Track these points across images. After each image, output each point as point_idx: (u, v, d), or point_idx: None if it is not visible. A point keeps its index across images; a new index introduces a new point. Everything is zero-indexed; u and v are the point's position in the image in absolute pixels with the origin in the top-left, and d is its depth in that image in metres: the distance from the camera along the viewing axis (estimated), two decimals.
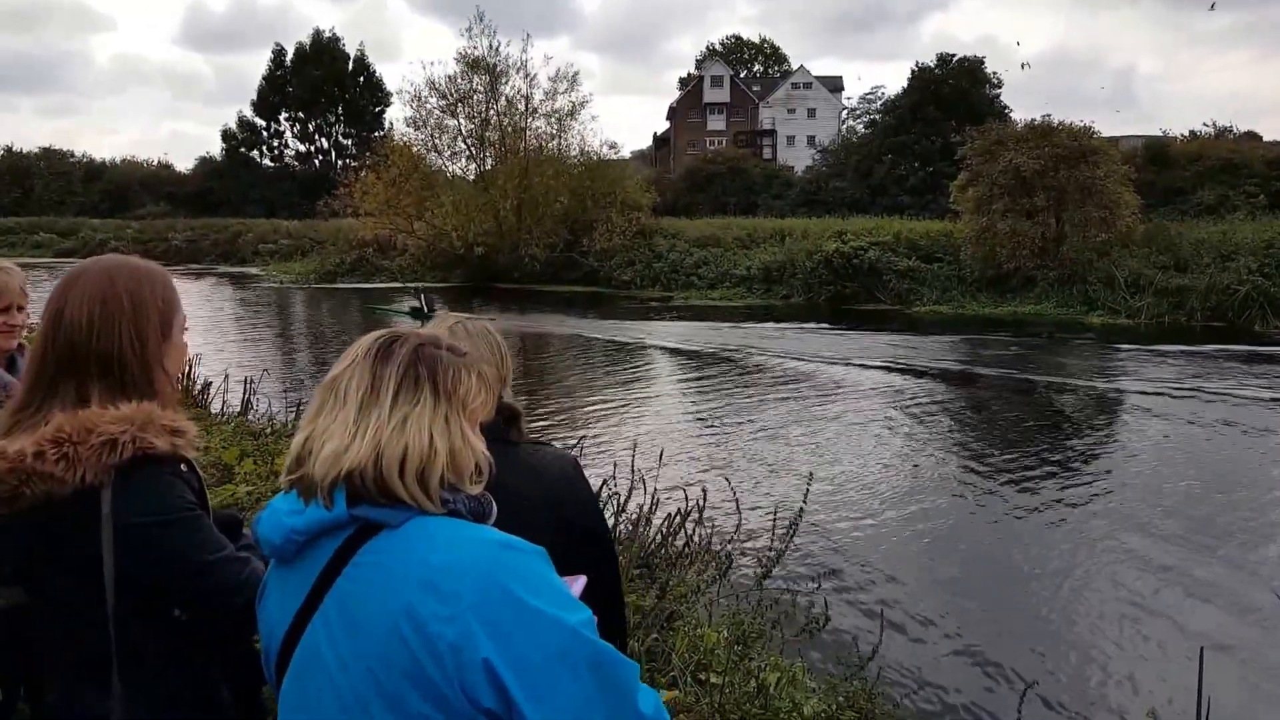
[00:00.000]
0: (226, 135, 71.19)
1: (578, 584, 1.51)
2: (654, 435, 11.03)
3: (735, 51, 79.79)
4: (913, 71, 47.73)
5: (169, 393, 1.53)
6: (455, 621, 1.07)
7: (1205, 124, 42.43)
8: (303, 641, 1.18)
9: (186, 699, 1.45)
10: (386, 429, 1.14)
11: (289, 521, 1.19)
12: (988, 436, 11.63)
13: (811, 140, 62.41)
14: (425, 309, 23.90)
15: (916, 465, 10.13)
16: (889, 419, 12.52)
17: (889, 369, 16.53)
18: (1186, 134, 39.34)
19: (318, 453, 1.16)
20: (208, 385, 7.91)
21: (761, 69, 79.26)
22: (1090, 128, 26.91)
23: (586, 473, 1.87)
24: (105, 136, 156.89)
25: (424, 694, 1.08)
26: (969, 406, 13.59)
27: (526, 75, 39.52)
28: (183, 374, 7.78)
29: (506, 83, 39.37)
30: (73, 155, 77.12)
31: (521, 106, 39.25)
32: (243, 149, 71.08)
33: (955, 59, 46.81)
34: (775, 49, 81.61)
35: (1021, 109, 69.53)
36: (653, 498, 4.55)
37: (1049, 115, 27.69)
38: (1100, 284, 24.65)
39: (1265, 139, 40.36)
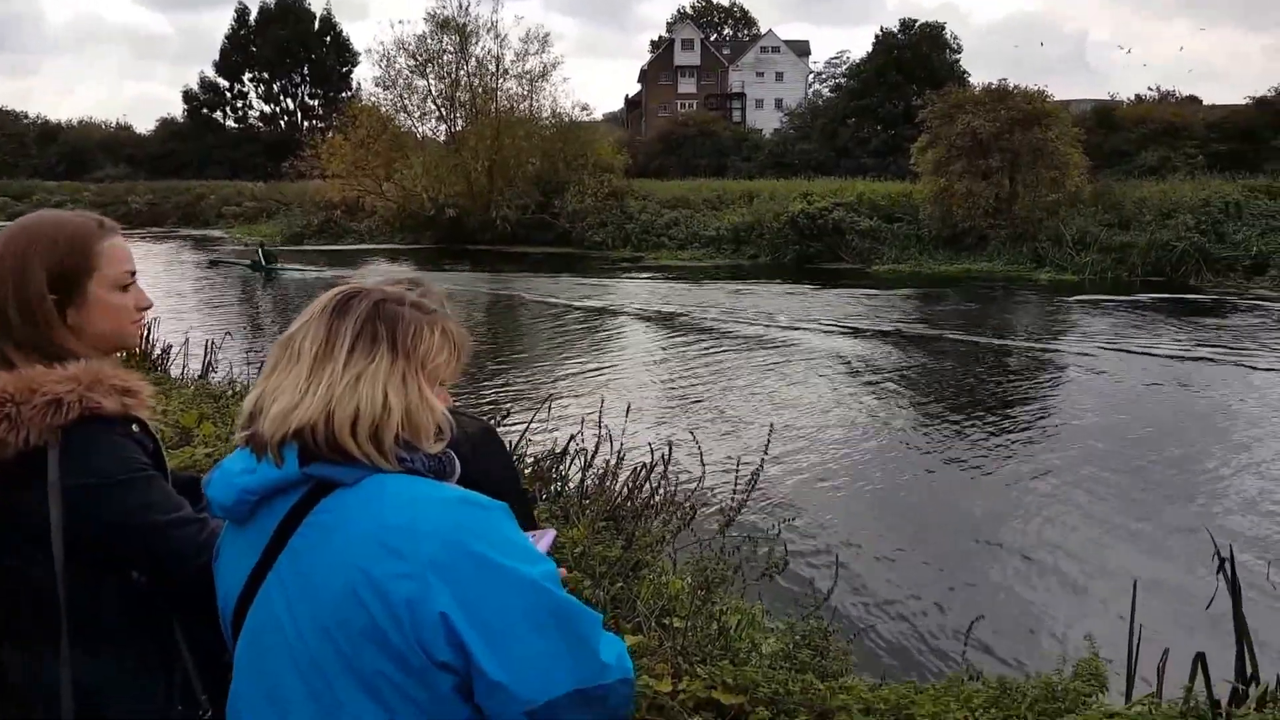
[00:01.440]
0: (188, 96, 69.85)
1: (546, 538, 1.52)
2: (622, 391, 11.24)
3: (705, 15, 79.47)
4: (877, 37, 48.35)
5: (92, 353, 1.45)
6: (412, 578, 1.06)
7: (1150, 88, 43.85)
8: (256, 603, 1.16)
9: (148, 663, 1.42)
10: (339, 386, 1.12)
11: (240, 481, 1.17)
12: (940, 390, 12.18)
13: (779, 103, 62.84)
14: (264, 262, 26.44)
15: (872, 418, 10.65)
16: (848, 374, 13.10)
17: (849, 326, 17.19)
18: (1133, 98, 40.60)
19: (268, 410, 1.14)
20: (168, 349, 7.79)
21: (731, 33, 79.13)
22: (1043, 91, 27.83)
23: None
24: (63, 98, 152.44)
25: (381, 652, 1.08)
26: (923, 362, 14.16)
27: (497, 36, 39.44)
28: (141, 336, 7.78)
29: (477, 43, 39.27)
30: (26, 116, 75.25)
31: (492, 67, 39.19)
32: (205, 110, 69.82)
33: (917, 24, 47.43)
34: (745, 12, 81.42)
35: (980, 73, 70.42)
36: (619, 452, 4.62)
37: (1005, 79, 28.55)
38: (1049, 242, 25.70)
39: (1205, 103, 41.68)
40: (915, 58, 45.59)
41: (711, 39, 72.71)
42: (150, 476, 1.41)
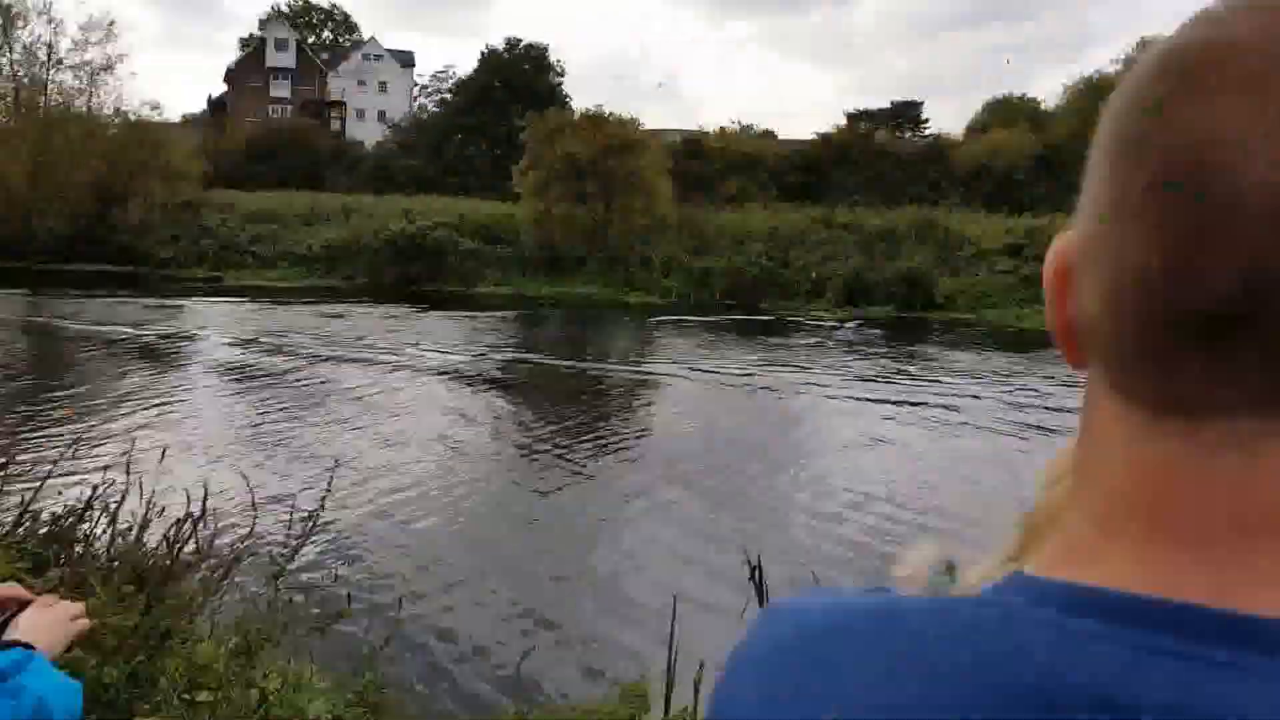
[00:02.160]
0: None
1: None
2: (179, 432, 10.07)
3: (303, 15, 74.64)
4: (482, 54, 48.97)
5: None
6: None
7: (733, 121, 48.16)
8: None
9: None
10: None
11: None
12: (532, 416, 12.32)
13: (382, 115, 60.93)
14: None
15: (462, 448, 10.41)
16: (441, 403, 12.75)
17: (448, 351, 16.83)
18: (718, 130, 44.92)
19: None
20: None
21: (331, 36, 75.29)
22: (635, 119, 30.07)
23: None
24: None
25: None
26: (514, 386, 14.25)
27: (50, 20, 34.84)
28: None
29: (24, 27, 34.37)
30: None
31: (43, 56, 34.54)
32: None
33: (522, 44, 48.91)
34: (346, 16, 77.87)
35: (581, 99, 75.27)
36: (149, 501, 3.98)
37: (601, 105, 30.40)
38: (639, 266, 27.76)
39: (780, 137, 46.77)
40: (520, 78, 46.89)
41: (309, 42, 68.50)
42: None
